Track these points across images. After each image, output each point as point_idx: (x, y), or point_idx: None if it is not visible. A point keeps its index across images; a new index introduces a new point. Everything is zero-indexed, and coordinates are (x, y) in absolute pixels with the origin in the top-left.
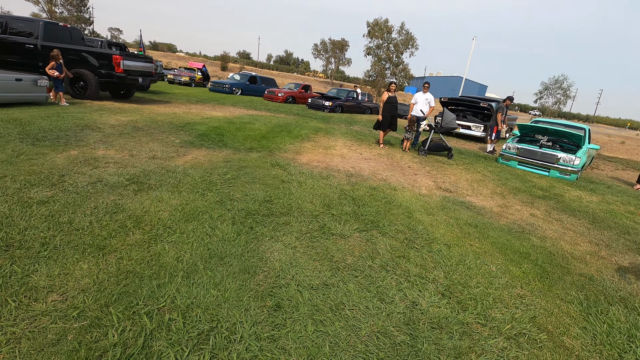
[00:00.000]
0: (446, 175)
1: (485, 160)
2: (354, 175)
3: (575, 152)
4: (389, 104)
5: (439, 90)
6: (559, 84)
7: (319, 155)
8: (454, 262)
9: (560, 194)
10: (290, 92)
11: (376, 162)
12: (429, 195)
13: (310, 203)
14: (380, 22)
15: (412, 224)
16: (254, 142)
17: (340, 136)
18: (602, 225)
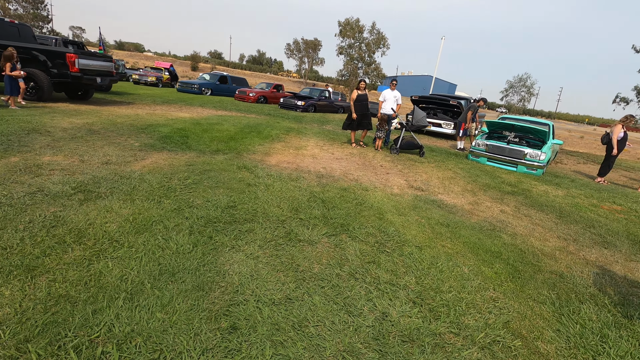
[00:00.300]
0: (418, 173)
1: (456, 157)
2: (324, 176)
3: (540, 148)
4: (359, 103)
5: (410, 89)
6: (523, 82)
7: (290, 156)
8: (426, 266)
9: (528, 189)
10: (262, 92)
11: (348, 161)
12: (401, 194)
13: (278, 207)
14: (351, 22)
15: (383, 226)
16: (221, 143)
17: (312, 136)
18: (569, 220)
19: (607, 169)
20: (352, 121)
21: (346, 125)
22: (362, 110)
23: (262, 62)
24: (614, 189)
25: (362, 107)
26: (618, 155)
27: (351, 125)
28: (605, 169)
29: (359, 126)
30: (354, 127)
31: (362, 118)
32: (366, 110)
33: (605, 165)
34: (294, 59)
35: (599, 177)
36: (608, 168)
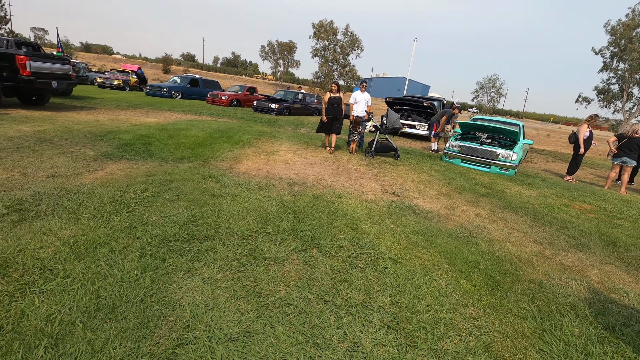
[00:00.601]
0: (393, 177)
1: (431, 159)
2: (296, 184)
3: (512, 148)
4: (329, 105)
5: (385, 90)
6: (492, 83)
7: (260, 162)
8: (401, 282)
9: (502, 190)
10: (235, 95)
11: (322, 166)
12: (376, 200)
13: (243, 220)
14: (325, 24)
15: (356, 238)
16: (187, 150)
17: (285, 140)
18: (543, 221)
19: (575, 167)
20: (324, 124)
21: (319, 128)
22: (333, 114)
23: (237, 64)
24: (583, 187)
25: (332, 110)
26: (585, 153)
27: (322, 128)
28: (573, 168)
29: (329, 130)
30: (325, 130)
31: (333, 122)
32: (338, 113)
33: (573, 163)
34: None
35: (568, 175)
36: (576, 166)
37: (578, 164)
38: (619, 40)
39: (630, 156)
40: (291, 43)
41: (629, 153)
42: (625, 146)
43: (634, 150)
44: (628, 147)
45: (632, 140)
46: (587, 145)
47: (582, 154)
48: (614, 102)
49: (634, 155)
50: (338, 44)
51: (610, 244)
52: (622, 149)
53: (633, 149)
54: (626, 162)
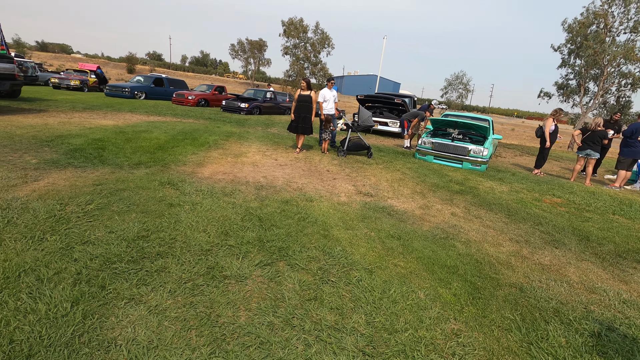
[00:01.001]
0: (366, 176)
1: (404, 156)
2: (264, 187)
3: (483, 144)
4: (298, 103)
5: (357, 88)
6: (459, 80)
7: (227, 165)
8: (377, 296)
9: (475, 186)
10: (202, 95)
11: (292, 168)
12: (349, 203)
13: (203, 232)
14: (295, 22)
15: (328, 246)
16: (146, 155)
17: (254, 141)
18: (517, 218)
19: (542, 161)
20: (292, 122)
21: (289, 127)
22: (301, 112)
23: (206, 63)
24: (551, 181)
25: (300, 108)
26: (551, 147)
27: (292, 126)
28: (540, 161)
29: (297, 129)
30: (293, 129)
31: (301, 121)
32: (306, 112)
33: (540, 157)
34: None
35: (536, 169)
36: (543, 160)
37: (545, 157)
38: (575, 38)
39: (594, 149)
40: (261, 41)
41: (593, 146)
42: (589, 139)
43: (597, 143)
44: (591, 140)
45: (595, 133)
46: (552, 139)
47: (548, 147)
48: (572, 96)
49: (597, 147)
50: (309, 41)
51: (584, 238)
52: (586, 142)
53: (596, 141)
54: (590, 154)
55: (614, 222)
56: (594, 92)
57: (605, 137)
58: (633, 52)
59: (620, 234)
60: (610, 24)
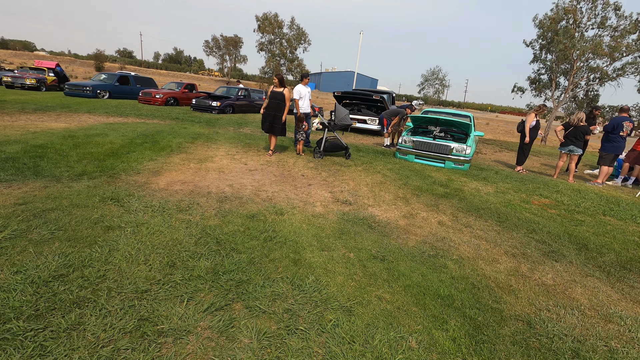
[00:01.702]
0: (344, 181)
1: (384, 156)
2: (229, 199)
3: (465, 141)
4: (270, 100)
5: (335, 85)
6: (435, 75)
7: (188, 172)
8: (358, 349)
9: (460, 188)
10: (171, 93)
11: (263, 173)
12: (325, 214)
13: (144, 265)
14: (270, 17)
15: (299, 276)
16: (93, 163)
17: (224, 142)
18: (509, 225)
19: (524, 157)
20: (262, 121)
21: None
22: (272, 110)
23: (181, 60)
24: (535, 178)
25: (271, 105)
26: (532, 143)
27: (263, 124)
28: (521, 158)
29: (269, 128)
30: (265, 128)
31: (272, 119)
32: (278, 110)
33: (520, 153)
34: (215, 57)
35: (518, 166)
36: (524, 156)
37: (526, 153)
38: (546, 34)
39: (577, 144)
40: (236, 38)
41: (575, 142)
42: (572, 135)
43: (579, 139)
44: (574, 135)
45: (578, 129)
46: (533, 135)
47: (527, 143)
48: (544, 91)
49: (579, 143)
50: (284, 37)
51: (582, 247)
52: (568, 138)
53: (579, 137)
54: (573, 150)
55: (607, 224)
56: (565, 87)
57: (587, 133)
58: (601, 47)
59: (618, 240)
60: (579, 20)
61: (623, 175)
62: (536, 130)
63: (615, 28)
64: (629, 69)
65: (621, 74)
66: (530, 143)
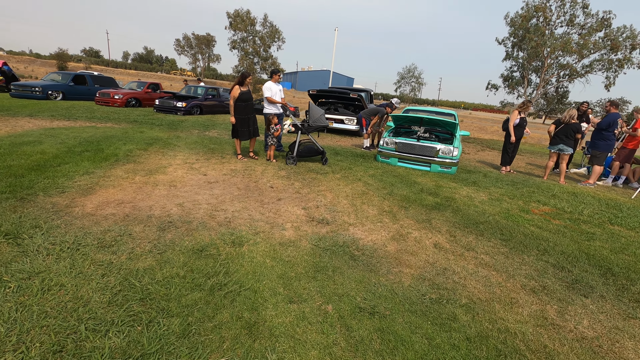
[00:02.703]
0: (321, 192)
1: (364, 160)
2: (174, 225)
3: (451, 142)
4: (242, 103)
5: (311, 84)
6: (411, 73)
7: (130, 188)
8: None
9: (451, 196)
10: (132, 93)
11: (225, 186)
12: (297, 240)
13: (11, 352)
14: (241, 14)
15: (253, 356)
16: (7, 179)
17: (183, 148)
18: (516, 244)
19: (508, 156)
20: (237, 127)
21: (234, 133)
22: (246, 113)
23: (151, 60)
24: (525, 180)
25: (247, 108)
26: (518, 142)
27: (239, 132)
28: (505, 157)
29: (249, 133)
30: (244, 135)
31: (247, 124)
32: (251, 112)
33: (504, 152)
34: (187, 55)
35: (503, 166)
36: (508, 156)
37: (511, 153)
38: (517, 31)
39: (567, 143)
40: (209, 36)
41: (566, 140)
42: (562, 132)
43: (570, 137)
44: (564, 133)
45: (569, 127)
46: (518, 133)
47: (512, 142)
48: (517, 87)
49: (570, 142)
50: (257, 35)
51: (606, 271)
52: (558, 136)
53: (569, 135)
54: (563, 149)
55: (620, 237)
56: (537, 84)
57: (579, 131)
58: (570, 44)
59: (638, 255)
60: (549, 18)
61: (613, 174)
62: (521, 129)
63: (583, 26)
64: (596, 66)
65: (589, 70)
66: (516, 142)
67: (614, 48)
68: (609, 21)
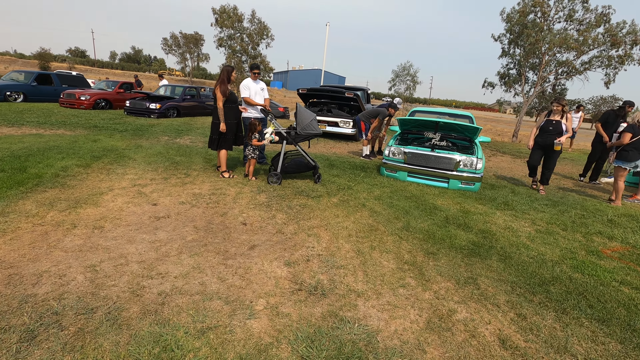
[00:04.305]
0: (312, 230)
1: (366, 173)
2: (63, 317)
3: (471, 151)
4: (231, 105)
5: (302, 83)
6: (407, 71)
7: (27, 236)
8: None
9: (487, 229)
10: (101, 94)
11: (176, 224)
12: (271, 347)
13: None
14: (228, 10)
15: None
16: None
17: (139, 163)
18: (623, 329)
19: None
20: (222, 135)
21: (212, 142)
22: (236, 117)
23: (139, 60)
24: (563, 198)
25: (235, 111)
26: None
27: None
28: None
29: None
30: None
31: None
32: (239, 116)
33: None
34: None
35: (542, 185)
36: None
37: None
38: (514, 27)
39: None
40: (197, 35)
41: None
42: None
43: None
44: None
45: None
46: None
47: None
48: (513, 86)
49: None
50: (245, 32)
51: None
52: (635, 148)
53: None
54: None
55: None
56: (534, 81)
57: None
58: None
59: None
60: (547, 13)
61: None
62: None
63: (581, 21)
64: (595, 62)
65: (588, 67)
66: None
67: (614, 44)
68: (608, 16)
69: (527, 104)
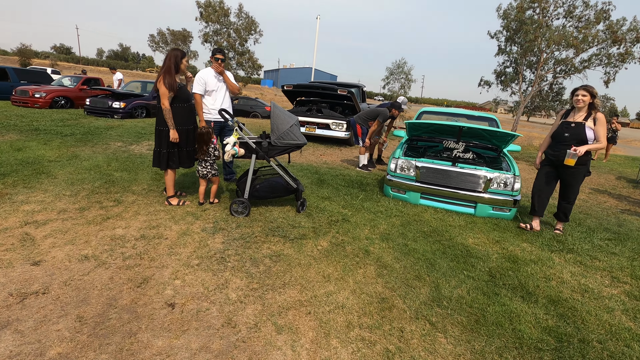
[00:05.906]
0: (286, 317)
1: (365, 194)
2: None
3: (503, 166)
4: (184, 103)
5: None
6: (401, 69)
7: None
8: None
9: (557, 297)
10: (60, 91)
11: (50, 311)
12: None
13: None
14: (213, 3)
15: None
16: None
17: (57, 184)
18: None
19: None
20: (172, 147)
21: (157, 159)
22: (189, 122)
23: (127, 57)
24: (620, 225)
25: (190, 114)
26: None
27: (172, 157)
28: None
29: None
30: (174, 162)
31: (186, 141)
32: (194, 120)
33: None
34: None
35: (560, 222)
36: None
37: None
38: (510, 24)
39: None
40: (185, 32)
41: None
42: None
43: None
44: None
45: None
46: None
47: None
48: (510, 84)
49: None
50: (232, 27)
51: None
52: None
53: None
54: None
55: None
56: (531, 80)
57: None
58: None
59: None
60: (546, 9)
61: None
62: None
63: (580, 18)
64: (595, 61)
65: (587, 65)
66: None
67: (615, 41)
68: (608, 13)
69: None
